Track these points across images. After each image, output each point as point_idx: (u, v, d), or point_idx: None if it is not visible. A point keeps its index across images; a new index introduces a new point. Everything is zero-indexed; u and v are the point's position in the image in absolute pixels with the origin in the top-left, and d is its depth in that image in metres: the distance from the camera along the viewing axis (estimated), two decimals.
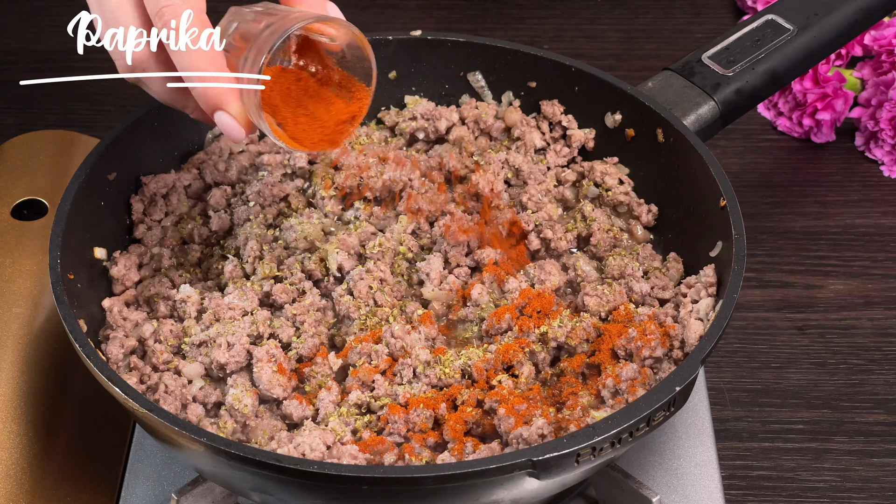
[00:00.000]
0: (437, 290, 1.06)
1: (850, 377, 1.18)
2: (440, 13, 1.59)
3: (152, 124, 1.12)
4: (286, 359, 1.00)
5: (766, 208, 1.34)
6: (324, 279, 1.07)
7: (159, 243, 1.10)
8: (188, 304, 1.04)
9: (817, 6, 1.17)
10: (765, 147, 1.41)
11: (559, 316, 1.02)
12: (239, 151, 1.18)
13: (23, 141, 1.28)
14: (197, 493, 1.00)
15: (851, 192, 1.36)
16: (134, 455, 1.07)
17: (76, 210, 1.03)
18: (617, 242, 1.10)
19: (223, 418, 0.97)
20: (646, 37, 1.57)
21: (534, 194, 1.12)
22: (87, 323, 1.00)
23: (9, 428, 1.04)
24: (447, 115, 1.19)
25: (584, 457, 0.86)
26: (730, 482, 1.09)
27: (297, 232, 1.09)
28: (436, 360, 1.00)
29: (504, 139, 1.20)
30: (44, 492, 1.02)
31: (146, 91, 0.93)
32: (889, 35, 1.38)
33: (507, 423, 0.94)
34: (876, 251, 1.29)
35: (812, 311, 1.24)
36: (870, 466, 1.11)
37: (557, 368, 1.01)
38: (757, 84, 1.13)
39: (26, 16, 1.60)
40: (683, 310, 1.01)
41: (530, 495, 0.92)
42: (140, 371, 1.00)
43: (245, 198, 1.13)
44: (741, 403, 1.16)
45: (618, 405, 0.96)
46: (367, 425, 0.96)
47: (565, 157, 1.17)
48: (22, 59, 1.53)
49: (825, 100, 1.37)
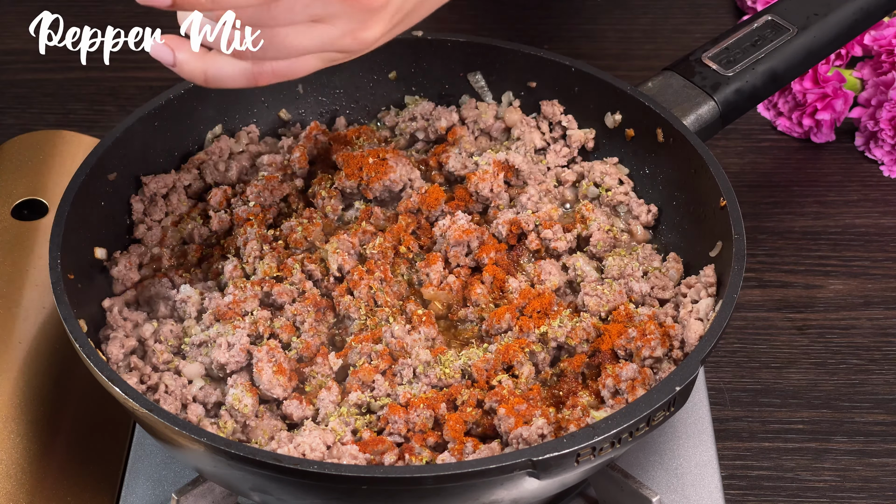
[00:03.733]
0: (437, 290, 1.06)
1: (849, 377, 1.18)
2: (440, 13, 1.58)
3: (152, 124, 1.12)
4: (286, 359, 1.00)
5: (766, 208, 1.34)
6: (324, 279, 1.07)
7: (159, 243, 1.10)
8: (188, 304, 1.04)
9: (817, 6, 1.17)
10: (765, 147, 1.41)
11: (559, 316, 1.02)
12: (239, 152, 1.18)
13: (23, 141, 1.28)
14: (197, 493, 1.00)
15: (851, 192, 1.36)
16: (134, 455, 1.07)
17: (76, 210, 1.03)
18: (617, 242, 1.10)
19: (223, 418, 0.97)
20: (645, 37, 1.57)
21: (534, 194, 1.12)
22: (87, 323, 1.00)
23: (9, 428, 1.04)
24: (447, 115, 1.19)
25: (584, 457, 0.86)
26: (730, 482, 1.09)
27: (298, 232, 1.09)
28: (436, 361, 1.00)
29: (504, 139, 1.20)
30: (44, 492, 1.02)
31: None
32: (889, 35, 1.38)
33: (507, 423, 0.94)
34: (876, 251, 1.29)
35: (812, 311, 1.24)
36: (870, 466, 1.11)
37: (557, 368, 1.01)
38: (757, 84, 1.14)
39: (26, 16, 1.60)
40: (683, 310, 1.01)
41: (530, 495, 0.92)
42: (140, 371, 1.00)
43: (245, 198, 1.13)
44: (741, 403, 1.16)
45: (618, 405, 0.96)
46: (368, 425, 0.96)
47: (565, 157, 1.17)
48: (22, 59, 1.53)
49: (825, 100, 1.37)
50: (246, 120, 1.20)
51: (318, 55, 0.90)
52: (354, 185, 1.13)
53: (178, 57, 0.87)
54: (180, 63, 0.88)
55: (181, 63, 0.88)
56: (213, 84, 0.89)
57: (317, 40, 0.88)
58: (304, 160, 1.15)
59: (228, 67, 0.88)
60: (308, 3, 0.85)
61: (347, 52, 0.91)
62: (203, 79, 0.89)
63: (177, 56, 0.87)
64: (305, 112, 1.22)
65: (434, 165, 1.17)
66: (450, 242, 1.08)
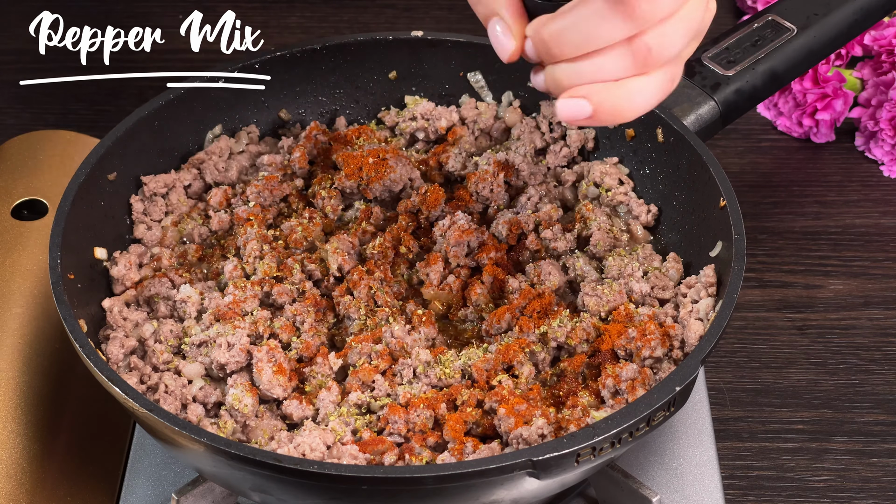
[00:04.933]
0: (437, 290, 1.06)
1: (849, 377, 1.18)
2: (440, 13, 1.59)
3: (152, 124, 1.12)
4: (286, 359, 1.00)
5: (766, 208, 1.34)
6: (324, 279, 1.07)
7: (159, 243, 1.10)
8: (188, 304, 1.04)
9: (817, 6, 1.17)
10: (765, 147, 1.41)
11: (559, 316, 1.02)
12: (239, 152, 1.18)
13: (23, 141, 1.28)
14: (197, 493, 1.00)
15: (851, 192, 1.36)
16: (134, 455, 1.07)
17: (76, 210, 1.03)
18: (617, 242, 1.10)
19: (223, 418, 0.97)
20: None
21: (534, 194, 1.12)
22: (87, 323, 1.00)
23: (9, 428, 1.04)
24: (447, 115, 1.19)
25: (584, 457, 0.86)
26: (730, 482, 1.09)
27: (297, 232, 1.09)
28: (436, 361, 1.00)
29: (504, 139, 1.20)
30: (44, 492, 1.02)
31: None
32: (889, 35, 1.38)
33: (507, 423, 0.94)
34: (876, 251, 1.29)
35: (812, 311, 1.24)
36: (870, 466, 1.11)
37: (557, 368, 1.01)
38: (757, 84, 1.14)
39: (26, 16, 1.60)
40: (683, 310, 1.01)
41: (530, 495, 0.92)
42: (140, 371, 1.00)
43: (245, 198, 1.13)
44: (741, 403, 1.16)
45: (618, 405, 0.96)
46: (367, 425, 0.96)
47: (565, 157, 1.17)
48: (22, 59, 1.53)
49: (825, 100, 1.37)
50: (246, 120, 1.20)
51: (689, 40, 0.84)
52: (354, 185, 1.13)
53: (596, 99, 0.81)
54: (603, 104, 0.82)
55: (603, 103, 0.82)
56: (633, 110, 0.83)
57: (687, 26, 0.82)
58: (304, 160, 1.15)
59: (645, 86, 0.82)
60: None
61: (706, 24, 0.85)
62: (628, 108, 0.83)
63: (594, 99, 0.81)
64: (305, 112, 1.22)
65: (434, 165, 1.17)
66: (450, 242, 1.08)
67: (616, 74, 0.82)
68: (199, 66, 1.11)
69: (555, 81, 0.84)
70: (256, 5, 1.58)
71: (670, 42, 0.82)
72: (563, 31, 0.81)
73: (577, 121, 0.83)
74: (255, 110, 1.20)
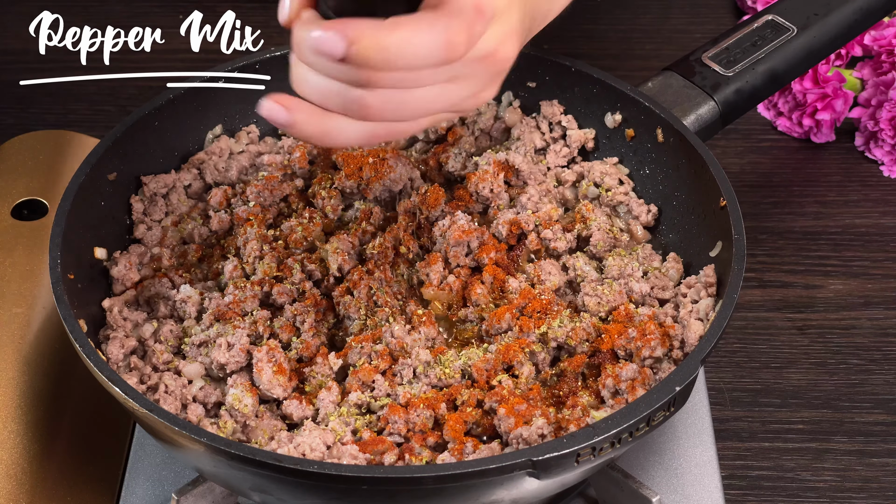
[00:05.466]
0: (437, 290, 1.06)
1: (849, 377, 1.18)
2: None
3: (152, 124, 1.12)
4: (286, 359, 1.00)
5: (766, 208, 1.34)
6: (324, 279, 1.07)
7: (159, 243, 1.10)
8: (188, 304, 1.04)
9: (817, 6, 1.17)
10: (765, 147, 1.41)
11: (559, 316, 1.02)
12: (239, 152, 1.18)
13: (23, 141, 1.28)
14: (197, 493, 1.00)
15: (851, 192, 1.36)
16: (134, 455, 1.07)
17: (76, 210, 1.03)
18: (617, 242, 1.10)
19: (223, 418, 0.97)
20: (645, 37, 1.56)
21: (534, 194, 1.12)
22: (87, 323, 1.00)
23: (9, 428, 1.04)
24: None
25: (584, 457, 0.86)
26: (730, 482, 1.09)
27: (297, 232, 1.09)
28: (436, 361, 1.00)
29: (504, 139, 1.20)
30: (44, 492, 1.02)
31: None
32: (889, 35, 1.38)
33: (507, 423, 0.94)
34: (876, 251, 1.29)
35: (812, 311, 1.24)
36: (870, 466, 1.11)
37: (557, 368, 1.01)
38: (757, 84, 1.14)
39: (26, 16, 1.60)
40: (683, 310, 1.01)
41: (530, 495, 0.92)
42: (140, 371, 1.00)
43: (245, 198, 1.13)
44: (741, 403, 1.16)
45: (618, 405, 0.96)
46: (367, 425, 0.96)
47: (565, 157, 1.17)
48: (22, 59, 1.53)
49: (825, 100, 1.37)
50: (246, 120, 1.20)
51: (435, 115, 0.86)
52: (354, 185, 1.13)
53: (296, 118, 0.83)
54: (299, 124, 0.83)
55: (300, 124, 0.83)
56: (328, 143, 0.85)
57: (445, 102, 0.84)
58: (304, 160, 1.15)
59: (349, 129, 0.84)
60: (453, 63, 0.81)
61: (463, 112, 0.88)
62: (320, 139, 0.84)
63: (295, 117, 0.83)
64: None
65: (434, 165, 1.17)
66: (450, 242, 1.08)
67: (333, 108, 0.83)
68: (199, 66, 1.11)
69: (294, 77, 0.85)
70: (256, 5, 1.57)
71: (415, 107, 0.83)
72: (299, 43, 0.81)
73: (275, 123, 0.84)
74: (256, 110, 1.20)
